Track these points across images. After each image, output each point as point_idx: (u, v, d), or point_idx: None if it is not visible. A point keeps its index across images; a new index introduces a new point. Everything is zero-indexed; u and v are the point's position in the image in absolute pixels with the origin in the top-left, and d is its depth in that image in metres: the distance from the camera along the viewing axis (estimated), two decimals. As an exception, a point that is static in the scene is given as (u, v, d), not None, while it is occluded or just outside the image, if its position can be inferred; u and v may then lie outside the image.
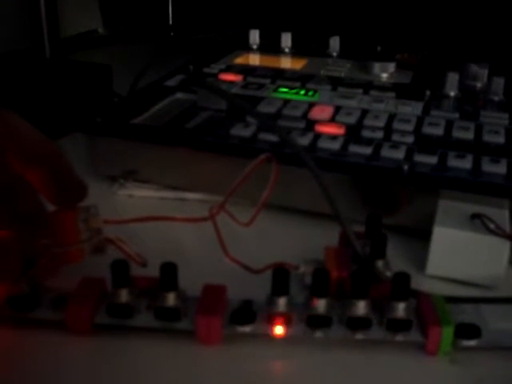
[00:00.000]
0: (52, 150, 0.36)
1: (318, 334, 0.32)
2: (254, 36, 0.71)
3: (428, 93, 0.56)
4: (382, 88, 0.58)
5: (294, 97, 0.55)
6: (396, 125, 0.49)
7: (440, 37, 0.75)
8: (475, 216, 0.38)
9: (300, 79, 0.59)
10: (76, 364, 0.32)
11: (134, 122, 0.49)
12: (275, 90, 0.56)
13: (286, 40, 0.70)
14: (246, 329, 0.32)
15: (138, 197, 0.48)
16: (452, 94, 0.56)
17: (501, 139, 0.47)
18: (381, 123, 0.49)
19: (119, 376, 0.31)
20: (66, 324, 0.33)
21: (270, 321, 0.32)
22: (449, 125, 0.49)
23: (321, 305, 0.32)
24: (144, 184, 0.48)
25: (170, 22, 1.02)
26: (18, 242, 0.34)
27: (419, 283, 0.36)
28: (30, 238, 0.35)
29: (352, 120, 0.50)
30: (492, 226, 0.37)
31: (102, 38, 0.99)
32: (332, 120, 0.50)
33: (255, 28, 0.72)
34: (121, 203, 0.47)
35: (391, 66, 0.62)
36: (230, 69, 0.63)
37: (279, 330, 0.32)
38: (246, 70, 0.62)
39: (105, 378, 0.31)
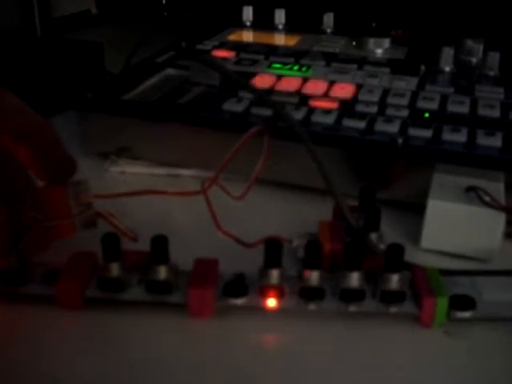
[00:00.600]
0: (42, 125, 0.36)
1: (311, 306, 0.32)
2: (248, 13, 0.70)
3: (423, 68, 0.55)
4: (377, 63, 0.57)
5: (288, 72, 0.54)
6: (390, 99, 0.48)
7: (435, 12, 0.74)
8: (470, 189, 0.37)
9: (294, 55, 0.59)
10: (67, 338, 0.32)
11: (125, 98, 0.49)
12: (269, 66, 0.56)
13: (280, 16, 0.69)
14: (239, 301, 0.32)
15: (131, 173, 0.47)
16: (447, 69, 0.56)
17: (496, 113, 0.47)
18: (375, 98, 0.48)
19: (111, 350, 0.31)
20: (57, 299, 0.32)
21: (263, 293, 0.32)
22: (444, 99, 0.49)
23: (313, 277, 0.32)
24: (136, 160, 0.48)
25: (163, 1, 1.01)
26: (6, 217, 0.33)
27: (414, 257, 0.36)
28: (19, 212, 0.34)
29: (346, 95, 0.49)
30: (487, 198, 0.37)
31: (95, 17, 0.98)
32: (326, 95, 0.49)
33: (248, 5, 0.71)
34: (113, 180, 0.47)
35: (386, 42, 0.62)
36: (223, 45, 0.62)
37: (272, 302, 0.32)
38: (240, 47, 0.61)
39: (96, 351, 0.31)
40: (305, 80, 0.52)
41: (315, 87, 0.50)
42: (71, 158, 0.36)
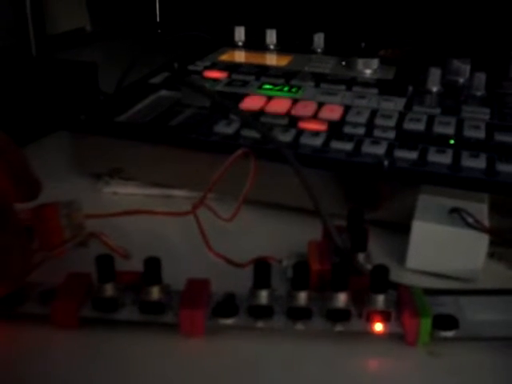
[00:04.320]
0: (9, 144, 0.35)
1: (299, 325, 0.33)
2: (240, 33, 0.72)
3: (410, 88, 0.56)
4: (365, 84, 0.58)
5: (278, 93, 0.55)
6: (378, 121, 0.49)
7: (423, 32, 0.75)
8: (454, 210, 0.38)
9: (284, 76, 0.60)
10: (62, 357, 0.32)
11: (118, 120, 0.49)
12: (259, 87, 0.57)
13: (271, 37, 0.70)
14: (229, 321, 0.33)
15: (123, 194, 0.48)
16: (434, 89, 0.57)
17: (481, 134, 0.47)
18: (363, 119, 0.49)
19: (105, 369, 0.31)
20: (53, 318, 0.33)
21: (252, 313, 0.33)
22: (430, 120, 0.50)
23: (301, 297, 0.32)
24: (129, 181, 0.48)
25: (158, 20, 1.02)
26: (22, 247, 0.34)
27: (400, 276, 0.37)
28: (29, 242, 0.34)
29: (335, 116, 0.50)
30: (470, 220, 0.37)
31: (90, 35, 0.99)
32: (315, 116, 0.50)
33: (241, 25, 0.72)
34: (106, 201, 0.47)
35: (374, 62, 0.63)
36: (215, 66, 0.63)
37: (261, 322, 0.33)
38: (231, 67, 0.63)
39: (90, 371, 0.31)
40: (294, 101, 0.53)
41: (304, 109, 0.51)
42: (37, 177, 0.36)
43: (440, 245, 0.38)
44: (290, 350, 0.33)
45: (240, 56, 0.69)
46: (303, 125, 0.48)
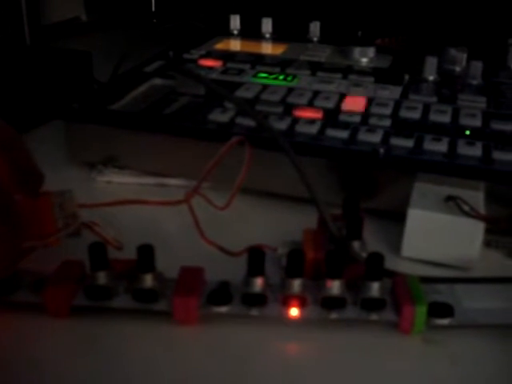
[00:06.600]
0: (14, 136, 0.35)
1: (293, 313, 0.32)
2: (235, 21, 0.71)
3: (407, 77, 0.56)
4: (361, 72, 0.58)
5: (273, 82, 0.55)
6: (373, 109, 0.49)
7: (419, 21, 0.75)
8: (450, 198, 0.38)
9: (280, 64, 0.59)
10: (54, 346, 0.32)
11: (112, 108, 0.49)
12: (255, 76, 0.56)
13: (267, 25, 0.70)
14: (222, 309, 0.32)
15: (117, 183, 0.48)
16: (431, 78, 0.57)
17: (477, 122, 0.47)
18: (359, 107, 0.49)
19: (97, 357, 0.31)
20: (45, 306, 0.33)
21: (246, 301, 0.32)
22: (426, 108, 0.49)
23: (295, 285, 0.32)
24: (123, 170, 0.48)
25: (153, 9, 1.01)
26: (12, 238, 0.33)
27: (396, 265, 0.37)
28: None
29: (330, 104, 0.50)
30: (466, 207, 0.37)
31: (85, 25, 0.99)
32: (310, 104, 0.50)
33: (236, 13, 0.72)
34: (99, 190, 0.47)
35: (371, 51, 0.63)
36: (210, 54, 0.63)
37: (255, 310, 0.32)
38: (226, 56, 0.62)
39: (83, 359, 0.31)
40: (290, 89, 0.52)
41: (300, 97, 0.51)
42: (39, 169, 0.36)
43: (436, 233, 0.38)
44: (284, 338, 0.33)
45: (235, 45, 0.68)
46: (299, 113, 0.48)
